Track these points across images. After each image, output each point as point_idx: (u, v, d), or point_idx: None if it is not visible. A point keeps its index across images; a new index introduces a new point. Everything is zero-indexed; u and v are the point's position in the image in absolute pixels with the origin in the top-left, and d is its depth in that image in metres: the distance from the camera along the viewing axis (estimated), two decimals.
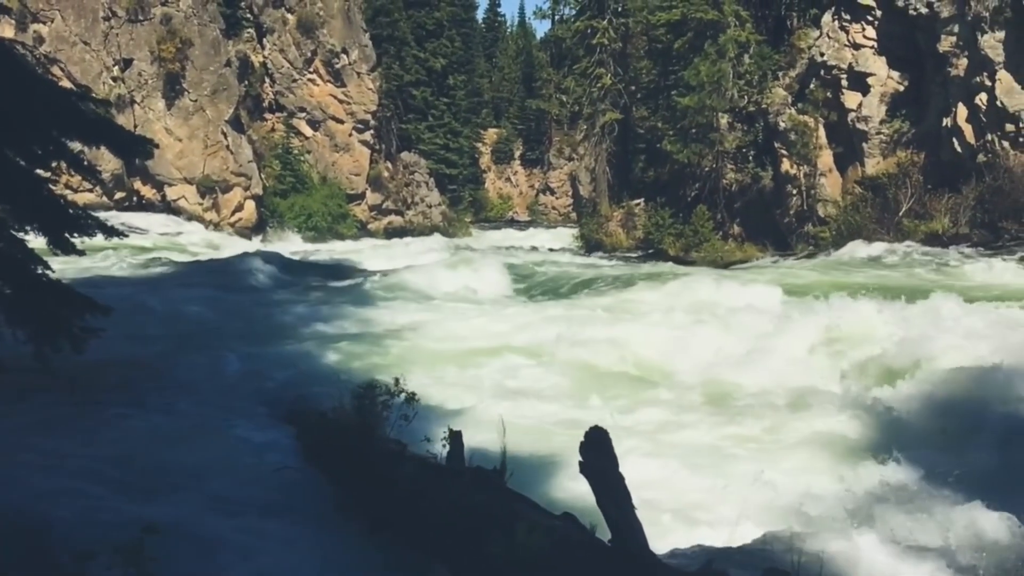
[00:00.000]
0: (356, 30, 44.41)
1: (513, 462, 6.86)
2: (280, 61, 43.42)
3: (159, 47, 37.65)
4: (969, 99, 27.62)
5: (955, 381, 10.28)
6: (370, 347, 13.74)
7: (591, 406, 10.69)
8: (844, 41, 31.59)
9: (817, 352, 12.54)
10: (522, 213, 68.49)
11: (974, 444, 8.82)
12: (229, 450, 8.37)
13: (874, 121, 30.57)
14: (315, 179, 43.29)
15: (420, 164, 50.13)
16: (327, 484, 7.61)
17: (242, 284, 20.37)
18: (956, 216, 26.96)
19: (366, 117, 44.47)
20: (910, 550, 6.37)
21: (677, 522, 7.14)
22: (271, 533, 6.61)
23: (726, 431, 9.95)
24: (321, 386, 10.19)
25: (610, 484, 5.49)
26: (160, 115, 38.15)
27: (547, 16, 56.14)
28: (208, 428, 9.14)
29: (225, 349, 13.02)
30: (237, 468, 7.83)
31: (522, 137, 70.64)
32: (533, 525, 5.85)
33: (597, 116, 42.42)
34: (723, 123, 33.77)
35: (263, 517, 6.86)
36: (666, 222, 34.44)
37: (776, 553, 5.93)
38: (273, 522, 6.80)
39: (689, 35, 34.63)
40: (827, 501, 7.38)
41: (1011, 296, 15.54)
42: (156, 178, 38.17)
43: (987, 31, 26.83)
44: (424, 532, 6.57)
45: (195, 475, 7.42)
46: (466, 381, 11.79)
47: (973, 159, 27.36)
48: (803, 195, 32.06)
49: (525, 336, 14.46)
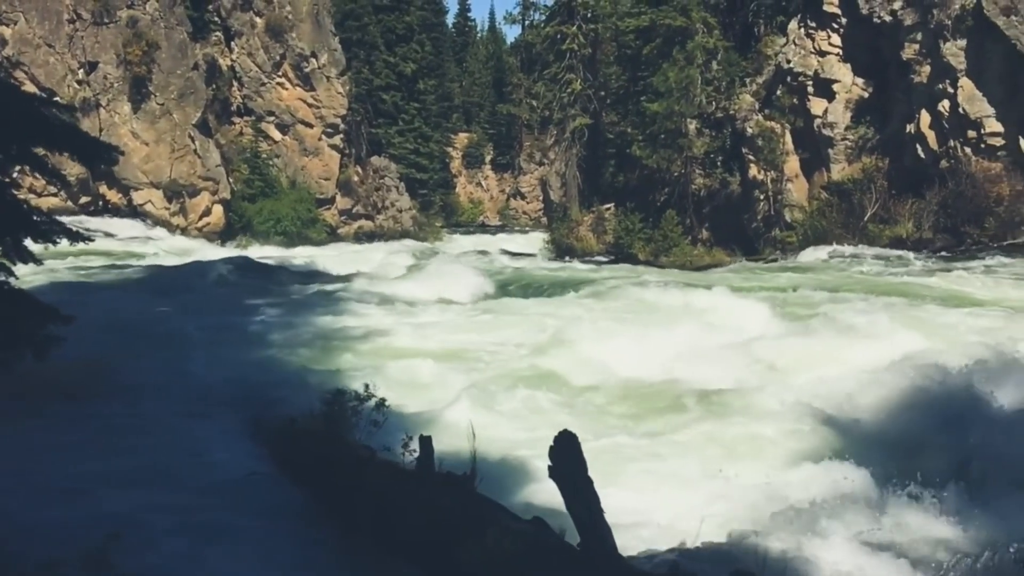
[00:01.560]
0: (325, 34, 44.21)
1: (483, 467, 6.88)
2: (248, 65, 43.10)
3: (125, 50, 37.22)
4: (932, 106, 28.12)
5: (911, 382, 10.48)
6: (339, 352, 13.69)
7: (560, 411, 10.73)
8: (810, 48, 32.03)
9: (772, 353, 12.73)
10: (493, 218, 68.50)
11: (930, 444, 8.99)
12: (197, 456, 8.30)
13: (839, 127, 31.02)
14: (284, 183, 42.97)
15: (390, 168, 49.96)
16: (297, 490, 7.58)
17: (209, 289, 20.19)
18: (920, 221, 27.42)
19: (336, 121, 44.27)
20: (871, 548, 6.48)
21: (644, 525, 7.19)
22: (240, 539, 6.57)
23: (685, 432, 10.04)
24: (290, 391, 10.15)
25: (579, 488, 5.53)
26: (126, 119, 37.70)
27: (517, 21, 56.44)
28: (175, 434, 9.06)
29: (192, 355, 12.92)
30: (205, 474, 7.78)
31: (493, 142, 70.68)
32: (503, 529, 5.88)
33: (567, 121, 42.59)
34: (691, 129, 34.06)
35: (232, 523, 6.82)
36: (636, 227, 34.63)
37: (741, 553, 6.00)
38: (243, 528, 6.76)
39: (658, 41, 34.90)
40: (789, 501, 7.47)
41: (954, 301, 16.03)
42: (122, 182, 37.70)
43: (949, 39, 27.34)
44: (395, 537, 6.57)
45: (162, 481, 7.35)
46: (436, 386, 11.78)
47: (936, 165, 27.84)
48: (770, 200, 32.43)
49: (495, 340, 14.49)
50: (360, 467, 7.19)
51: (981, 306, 15.71)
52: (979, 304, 15.95)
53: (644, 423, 10.52)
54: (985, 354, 11.19)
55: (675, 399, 11.22)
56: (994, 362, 10.93)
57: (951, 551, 6.46)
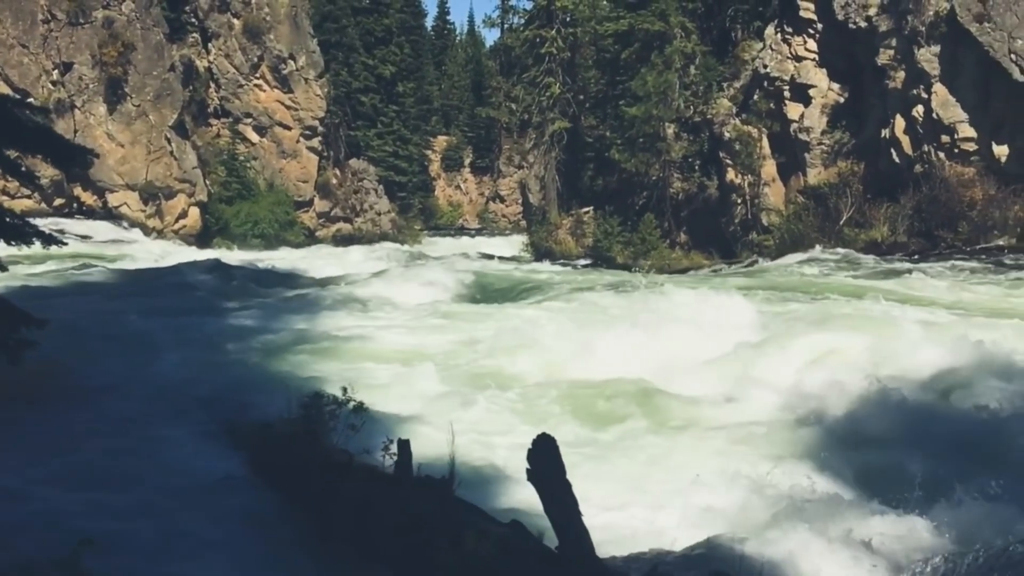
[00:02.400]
0: (303, 36, 44.03)
1: (461, 470, 6.87)
2: (226, 66, 42.83)
3: (101, 51, 36.86)
4: (906, 111, 28.43)
5: (885, 384, 10.59)
6: (317, 356, 13.61)
7: (538, 414, 10.73)
8: (786, 53, 32.29)
9: (748, 356, 12.82)
10: (472, 221, 68.49)
11: (904, 446, 9.09)
12: (172, 460, 8.23)
13: (815, 132, 31.29)
14: (261, 186, 42.74)
15: (369, 171, 49.83)
16: (273, 494, 7.53)
17: (185, 292, 20.01)
18: (894, 225, 27.70)
19: (314, 123, 44.10)
20: (848, 550, 6.53)
21: (622, 528, 7.20)
22: (216, 544, 6.52)
23: (661, 435, 10.08)
24: (267, 395, 10.05)
25: (557, 491, 5.53)
26: (101, 120, 37.34)
27: (496, 24, 56.57)
28: (150, 439, 8.97)
29: (166, 359, 12.79)
30: (181, 478, 7.70)
31: (472, 145, 70.68)
32: (481, 533, 5.87)
33: (546, 124, 42.65)
34: (669, 133, 34.23)
35: (208, 528, 6.76)
36: (614, 230, 34.75)
37: (719, 556, 6.03)
38: (218, 533, 6.71)
39: (636, 46, 35.07)
40: (767, 503, 7.52)
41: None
42: (97, 184, 37.32)
43: (923, 45, 27.66)
44: (372, 541, 6.54)
45: (136, 486, 7.28)
46: (415, 389, 11.75)
47: (910, 169, 28.14)
48: (747, 204, 32.64)
49: (475, 343, 14.47)
50: (338, 471, 7.15)
51: (932, 307, 15.98)
52: (930, 305, 16.22)
53: (622, 425, 10.54)
54: (953, 355, 11.33)
55: (651, 401, 11.25)
56: (963, 363, 11.08)
57: (926, 552, 6.52)
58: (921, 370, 10.91)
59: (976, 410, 9.98)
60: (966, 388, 10.49)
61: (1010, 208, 25.97)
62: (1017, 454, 8.78)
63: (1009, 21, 25.92)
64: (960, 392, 10.44)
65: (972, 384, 10.54)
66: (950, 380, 10.75)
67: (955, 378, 10.79)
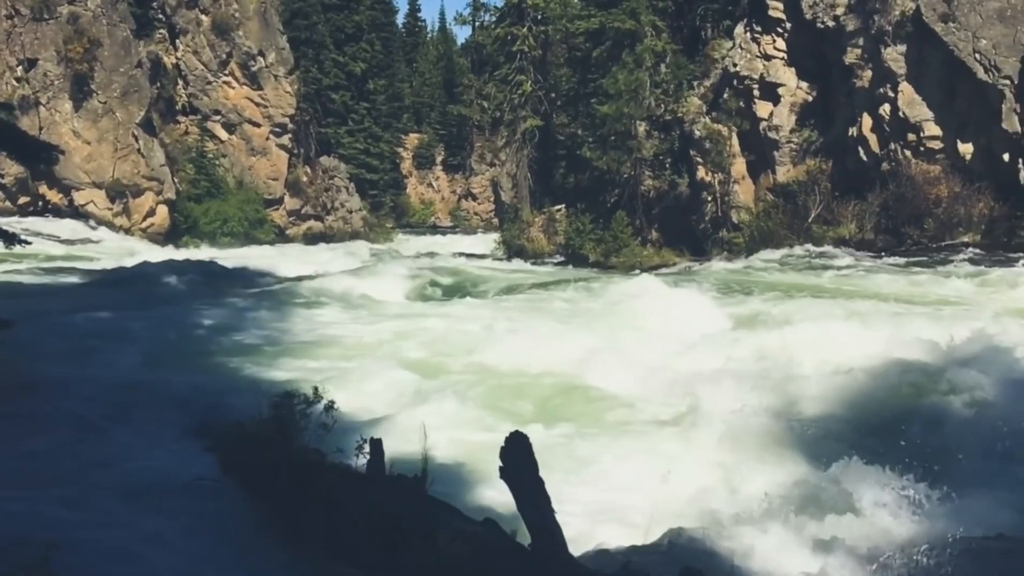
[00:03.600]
0: (273, 32, 43.67)
1: (434, 469, 6.85)
2: (194, 63, 42.37)
3: (66, 47, 36.32)
4: (873, 109, 28.77)
5: (850, 378, 10.73)
6: (288, 355, 13.53)
7: (511, 412, 10.74)
8: (756, 52, 32.54)
9: (711, 349, 12.94)
10: (444, 219, 68.33)
11: (870, 439, 9.20)
12: (140, 462, 8.12)
13: (784, 130, 31.57)
14: (231, 183, 42.33)
15: (340, 169, 49.54)
16: (244, 495, 7.46)
17: (153, 292, 19.79)
18: (862, 222, 28.04)
19: (284, 121, 43.76)
20: (818, 544, 6.60)
21: (594, 524, 7.23)
22: (185, 547, 6.44)
23: (631, 432, 10.13)
24: (237, 395, 9.97)
25: (530, 489, 5.54)
26: (67, 117, 36.79)
27: (467, 22, 56.46)
28: (117, 440, 8.85)
29: (135, 359, 12.63)
30: (149, 480, 7.60)
31: (444, 142, 70.49)
32: (454, 532, 5.86)
33: (518, 122, 42.67)
34: (641, 131, 34.38)
35: (177, 530, 6.68)
36: (586, 228, 34.84)
37: (689, 551, 6.07)
38: (188, 535, 6.63)
39: (607, 44, 35.18)
40: (737, 499, 7.58)
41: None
42: (63, 182, 36.77)
43: (890, 44, 28.01)
44: (344, 542, 6.50)
45: (104, 488, 7.17)
46: (388, 388, 11.71)
47: (877, 167, 28.50)
48: (718, 202, 32.87)
49: (446, 341, 14.45)
50: (309, 471, 7.10)
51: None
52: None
53: (594, 423, 10.58)
54: (931, 348, 11.49)
55: (622, 399, 11.30)
56: (939, 356, 11.23)
57: (897, 545, 6.60)
58: (876, 362, 11.04)
59: (934, 405, 10.12)
60: (921, 381, 10.64)
61: (974, 205, 26.38)
62: (970, 448, 8.93)
63: (973, 21, 26.31)
64: (915, 386, 10.59)
65: (928, 377, 10.69)
66: (905, 373, 10.89)
67: (908, 371, 10.94)
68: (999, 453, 8.77)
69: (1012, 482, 8.19)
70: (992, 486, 7.97)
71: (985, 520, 7.00)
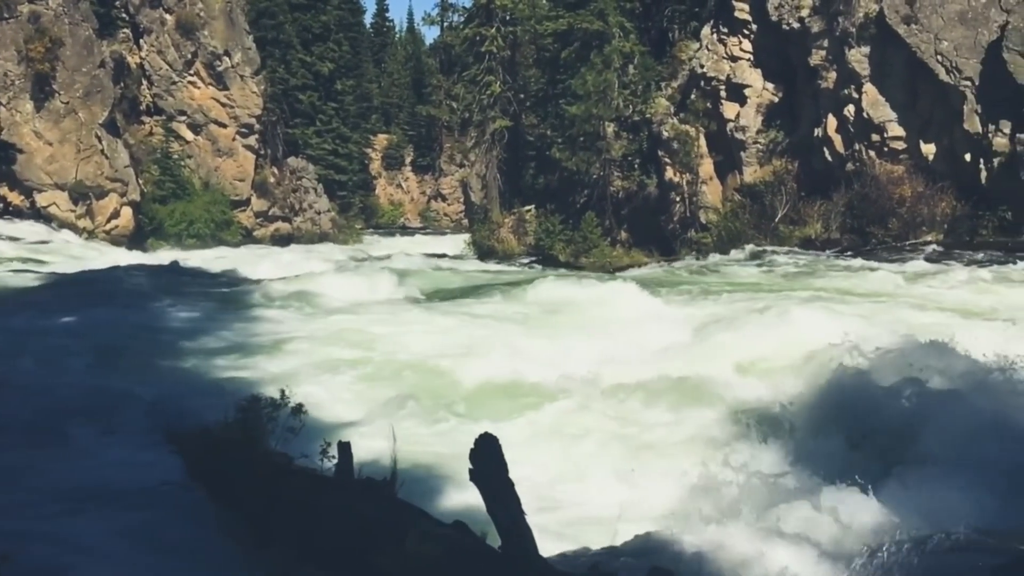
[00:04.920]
0: (239, 32, 43.26)
1: (404, 472, 6.80)
2: (158, 63, 41.85)
3: (27, 46, 35.68)
4: (838, 110, 29.12)
5: (812, 373, 10.82)
6: (255, 358, 13.37)
7: (479, 413, 10.71)
8: (722, 53, 32.82)
9: (685, 347, 13.02)
10: (414, 219, 68.14)
11: (835, 433, 9.29)
12: (103, 468, 7.97)
13: (751, 131, 31.87)
14: (197, 185, 41.87)
15: (308, 170, 49.18)
16: (211, 500, 7.36)
17: (117, 295, 19.46)
18: (828, 222, 28.38)
19: (250, 121, 43.35)
20: (787, 539, 6.64)
21: (563, 525, 7.23)
22: (150, 554, 6.34)
23: (596, 430, 10.14)
24: (204, 399, 9.85)
25: (500, 490, 5.51)
26: (28, 118, 36.15)
27: (436, 22, 56.19)
28: (78, 446, 8.68)
29: (97, 363, 12.41)
30: (112, 487, 7.47)
31: (413, 143, 70.29)
32: (424, 534, 5.82)
33: (487, 123, 42.65)
34: (609, 132, 34.53)
35: (142, 537, 6.57)
36: (556, 228, 34.92)
37: (660, 550, 6.08)
38: (153, 542, 6.52)
39: (576, 45, 35.30)
40: (706, 496, 7.61)
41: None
42: (24, 184, 36.14)
43: (854, 46, 28.37)
44: (313, 546, 6.44)
45: (63, 497, 7.02)
46: (355, 391, 11.63)
47: (842, 167, 28.85)
48: (686, 202, 33.10)
49: (415, 344, 14.37)
50: (277, 475, 7.02)
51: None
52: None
53: (560, 423, 10.57)
54: (901, 341, 11.60)
55: (587, 398, 11.32)
56: (910, 349, 11.34)
57: (867, 540, 6.65)
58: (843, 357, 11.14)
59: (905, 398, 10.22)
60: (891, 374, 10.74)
61: (937, 205, 26.79)
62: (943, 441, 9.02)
63: (935, 23, 26.72)
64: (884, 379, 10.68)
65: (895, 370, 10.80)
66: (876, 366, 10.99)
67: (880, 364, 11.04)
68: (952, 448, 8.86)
69: (971, 477, 8.28)
70: (951, 482, 8.06)
71: (945, 516, 7.07)
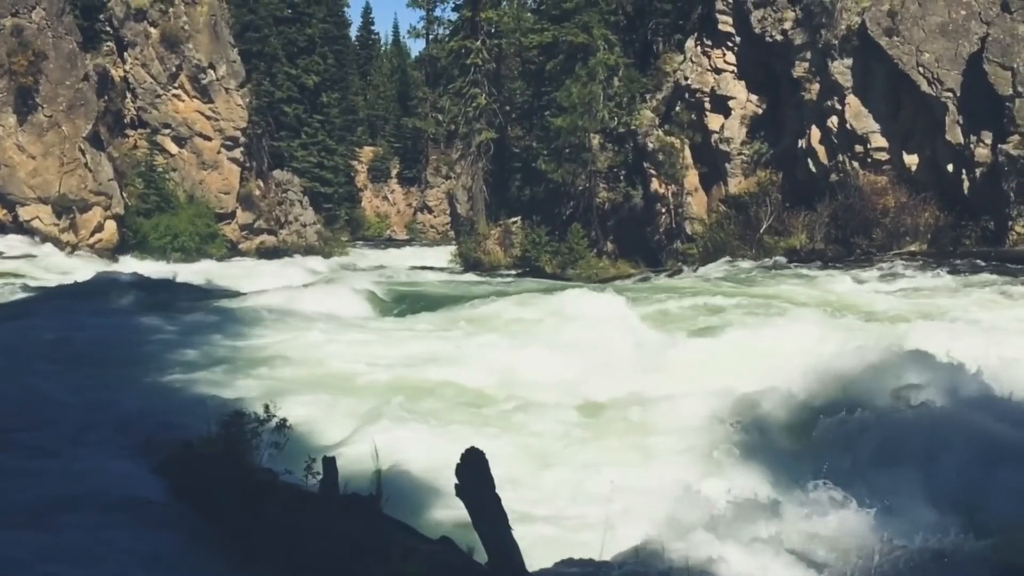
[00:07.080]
0: (224, 45, 43.17)
1: (389, 487, 6.75)
2: (143, 76, 41.70)
3: (10, 60, 35.50)
4: (822, 122, 29.33)
5: (802, 386, 10.84)
6: (239, 373, 13.28)
7: (465, 427, 10.66)
8: (706, 66, 33.02)
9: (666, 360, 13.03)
10: (400, 231, 68.06)
11: (824, 447, 9.29)
12: (85, 486, 7.87)
13: (735, 142, 32.05)
14: (181, 198, 41.65)
15: (293, 182, 49.06)
16: (194, 517, 7.28)
17: (100, 309, 19.30)
18: (812, 232, 28.52)
19: (235, 134, 43.22)
20: (776, 551, 6.62)
21: (549, 539, 7.19)
22: (132, 568, 6.25)
23: (584, 444, 10.11)
24: (187, 415, 9.74)
25: (486, 506, 5.49)
26: (11, 131, 35.93)
27: (421, 35, 56.35)
28: (59, 463, 8.57)
29: (79, 378, 12.28)
30: (94, 504, 7.37)
31: (398, 155, 70.28)
32: (409, 550, 5.78)
33: (473, 135, 42.71)
34: (595, 143, 34.63)
35: (124, 554, 6.49)
36: (542, 240, 34.96)
37: (647, 563, 6.05)
38: (136, 558, 6.44)
39: (561, 57, 35.44)
40: (694, 508, 7.59)
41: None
42: (7, 197, 35.90)
43: (836, 58, 28.60)
44: (297, 562, 6.38)
45: (43, 514, 6.93)
46: (340, 406, 11.55)
47: (826, 178, 29.04)
48: (671, 213, 33.21)
49: (400, 357, 14.32)
50: (261, 491, 6.96)
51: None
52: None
53: (544, 436, 10.54)
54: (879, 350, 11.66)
55: (570, 411, 11.30)
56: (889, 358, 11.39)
57: (856, 550, 6.65)
58: (826, 368, 11.19)
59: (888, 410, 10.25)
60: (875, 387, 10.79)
61: (920, 215, 26.98)
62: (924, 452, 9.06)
63: (917, 35, 26.98)
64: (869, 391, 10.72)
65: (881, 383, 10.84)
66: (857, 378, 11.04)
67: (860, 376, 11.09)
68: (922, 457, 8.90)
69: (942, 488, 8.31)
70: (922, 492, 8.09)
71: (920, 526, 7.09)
